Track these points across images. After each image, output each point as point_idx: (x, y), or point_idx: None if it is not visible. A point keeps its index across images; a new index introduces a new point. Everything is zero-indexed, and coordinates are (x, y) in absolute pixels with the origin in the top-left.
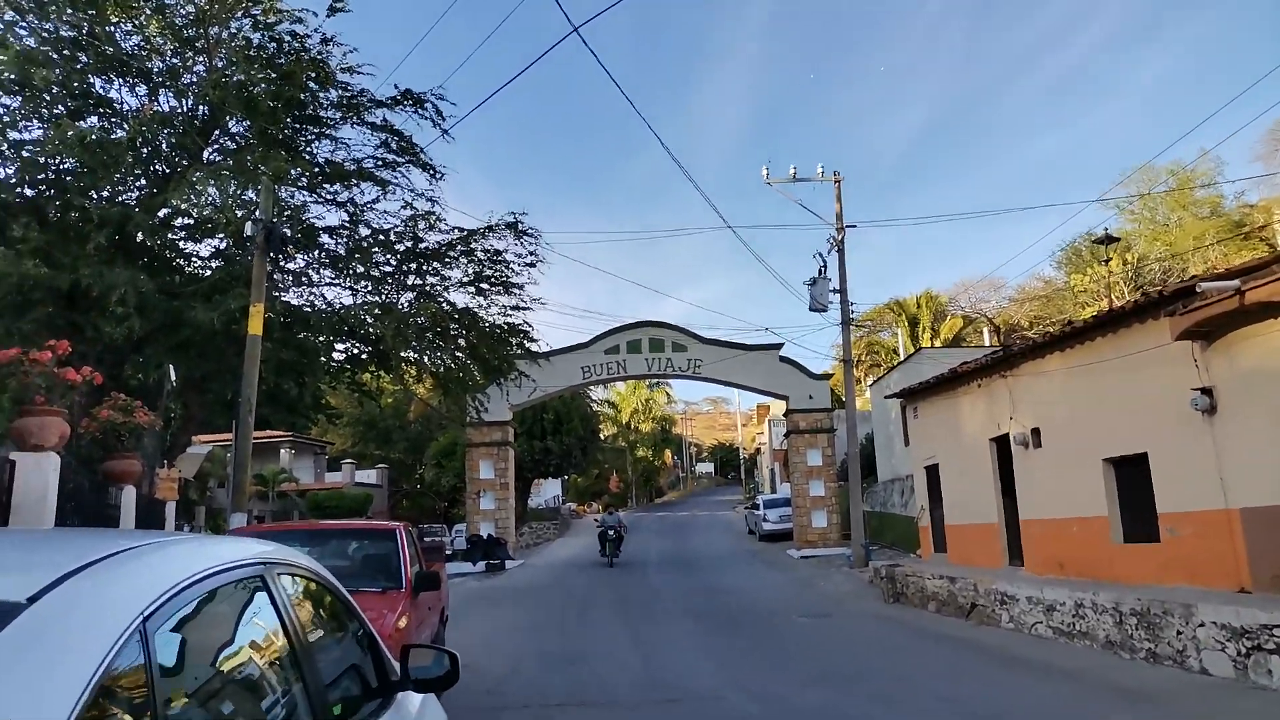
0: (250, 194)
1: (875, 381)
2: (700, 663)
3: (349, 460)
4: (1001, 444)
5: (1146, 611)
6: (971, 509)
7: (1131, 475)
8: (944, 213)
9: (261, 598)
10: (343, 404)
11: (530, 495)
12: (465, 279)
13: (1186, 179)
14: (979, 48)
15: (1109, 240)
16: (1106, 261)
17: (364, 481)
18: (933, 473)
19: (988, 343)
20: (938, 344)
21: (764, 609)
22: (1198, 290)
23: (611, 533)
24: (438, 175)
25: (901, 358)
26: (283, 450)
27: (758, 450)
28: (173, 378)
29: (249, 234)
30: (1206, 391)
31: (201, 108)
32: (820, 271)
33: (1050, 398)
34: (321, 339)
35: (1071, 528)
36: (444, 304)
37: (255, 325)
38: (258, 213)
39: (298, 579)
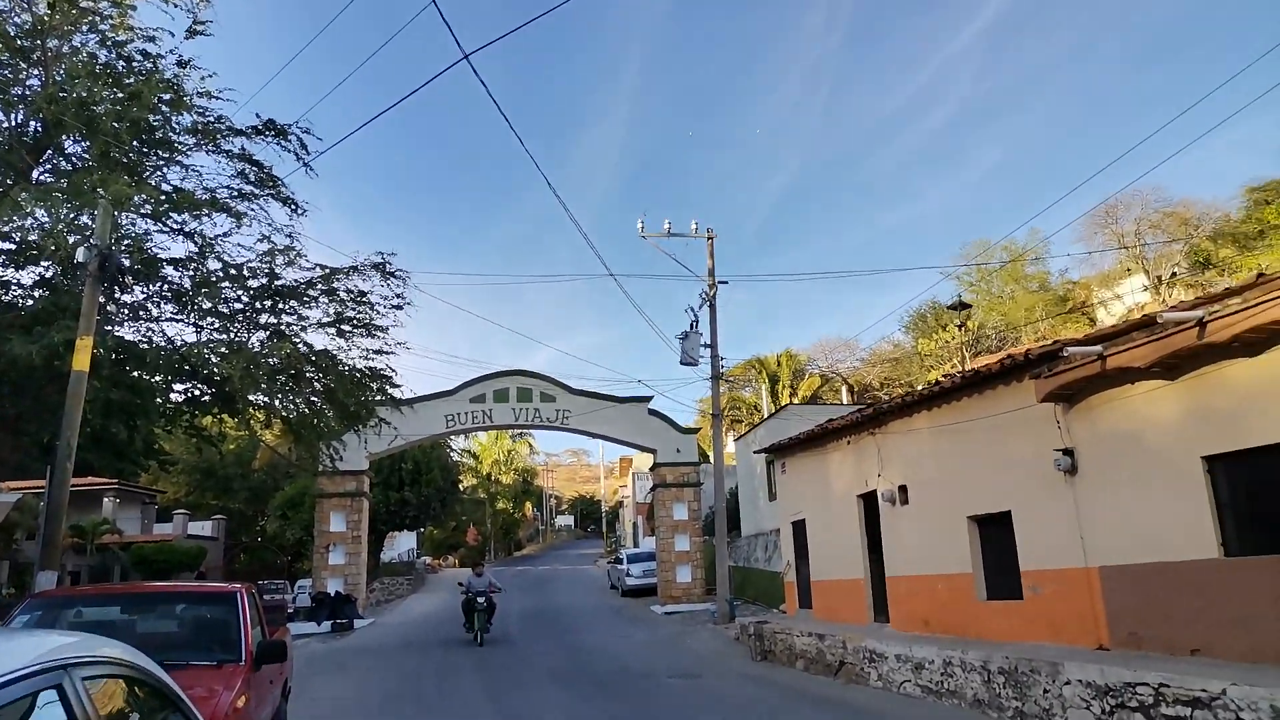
0: (85, 219)
1: (740, 437)
2: None
3: (182, 510)
4: (869, 501)
5: (1014, 670)
6: (838, 565)
7: (996, 533)
8: (805, 268)
9: (55, 713)
10: (178, 450)
11: (384, 548)
12: (325, 320)
13: (1019, 255)
14: (836, 120)
15: (962, 306)
16: (961, 326)
17: (198, 534)
18: (799, 528)
19: (845, 401)
20: (796, 401)
21: (634, 670)
22: (1063, 354)
23: (481, 600)
24: (299, 210)
25: (764, 414)
26: (106, 499)
27: (620, 503)
28: None
29: (81, 260)
30: (1068, 452)
31: (33, 123)
32: (692, 326)
33: (918, 456)
34: (158, 378)
35: (937, 585)
36: (300, 345)
37: (81, 361)
38: (93, 239)
39: (109, 680)
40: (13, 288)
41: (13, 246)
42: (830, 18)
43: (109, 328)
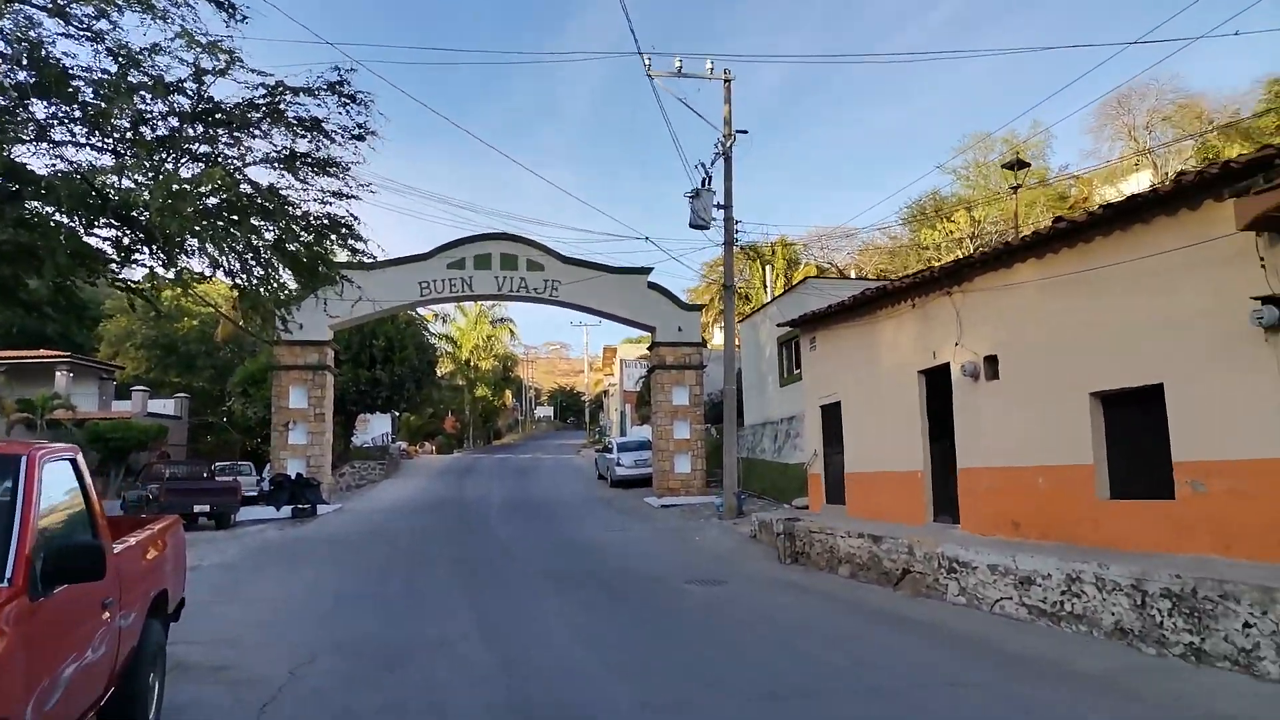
0: None
1: (745, 318)
2: (583, 662)
3: (141, 388)
4: (935, 377)
5: (1190, 594)
6: (886, 455)
7: (1131, 415)
8: (795, 170)
9: None
10: (136, 323)
11: (355, 432)
12: (274, 154)
13: (1018, 148)
14: (839, 14)
15: (1020, 165)
16: (1016, 189)
17: (159, 412)
18: (832, 413)
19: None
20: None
21: (642, 572)
22: None
23: None
24: (237, 16)
25: (764, 300)
26: (59, 372)
27: (604, 392)
28: None
29: None
30: (1275, 301)
31: None
32: (703, 183)
33: (1017, 317)
34: (62, 213)
35: (1035, 479)
36: (242, 181)
37: None
38: None
39: None
40: None
41: None
42: None
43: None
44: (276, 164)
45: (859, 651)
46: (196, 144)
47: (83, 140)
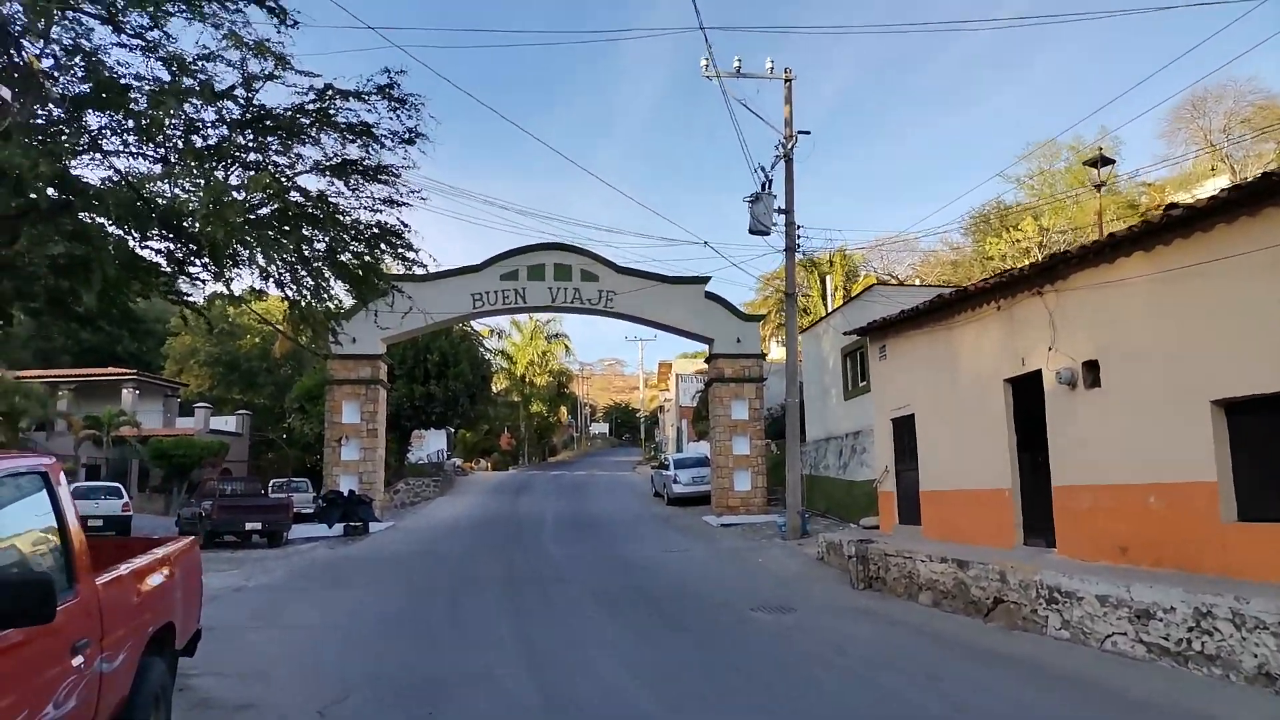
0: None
1: (806, 329)
2: (639, 703)
3: (203, 404)
4: (1024, 385)
5: None
6: (967, 471)
7: (1261, 425)
8: (853, 183)
9: None
10: (200, 341)
11: (410, 448)
12: (325, 161)
13: (1085, 155)
14: (898, 18)
15: (1104, 161)
16: (1099, 186)
17: (220, 429)
18: (904, 426)
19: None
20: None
21: (703, 596)
22: None
23: None
24: (287, 20)
25: (826, 309)
26: (125, 390)
27: (659, 408)
28: None
29: None
30: None
31: None
32: (763, 187)
33: (1121, 319)
34: (113, 223)
35: (1146, 498)
36: (291, 189)
37: None
38: None
39: None
40: None
41: None
42: None
43: (49, 148)
44: (326, 171)
45: (955, 694)
46: (246, 152)
47: (134, 150)
